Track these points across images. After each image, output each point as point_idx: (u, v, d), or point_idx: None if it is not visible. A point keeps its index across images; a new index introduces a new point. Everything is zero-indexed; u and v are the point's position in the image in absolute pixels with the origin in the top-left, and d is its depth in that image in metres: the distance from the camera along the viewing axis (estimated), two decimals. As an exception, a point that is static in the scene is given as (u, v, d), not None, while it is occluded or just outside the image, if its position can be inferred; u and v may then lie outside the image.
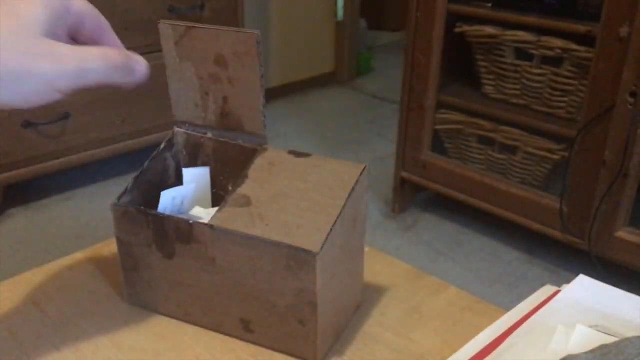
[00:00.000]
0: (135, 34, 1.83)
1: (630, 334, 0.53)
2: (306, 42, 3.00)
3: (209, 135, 0.71)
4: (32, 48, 0.41)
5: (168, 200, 0.68)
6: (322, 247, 0.54)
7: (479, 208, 1.70)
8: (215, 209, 0.64)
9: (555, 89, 1.55)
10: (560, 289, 0.63)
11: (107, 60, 0.45)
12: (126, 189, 0.65)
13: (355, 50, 3.20)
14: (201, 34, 0.65)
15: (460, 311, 0.66)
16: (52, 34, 0.44)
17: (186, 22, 0.66)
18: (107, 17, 0.57)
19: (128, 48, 0.50)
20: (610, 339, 0.53)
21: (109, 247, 0.77)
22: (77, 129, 1.84)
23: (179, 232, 0.59)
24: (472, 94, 1.75)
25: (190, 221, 0.59)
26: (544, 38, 1.50)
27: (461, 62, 1.78)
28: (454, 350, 0.57)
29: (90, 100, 1.83)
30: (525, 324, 0.58)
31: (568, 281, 0.64)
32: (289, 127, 2.62)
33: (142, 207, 0.61)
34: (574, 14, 1.47)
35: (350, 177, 0.61)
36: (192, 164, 0.73)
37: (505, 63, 1.63)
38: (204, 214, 0.69)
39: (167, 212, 0.64)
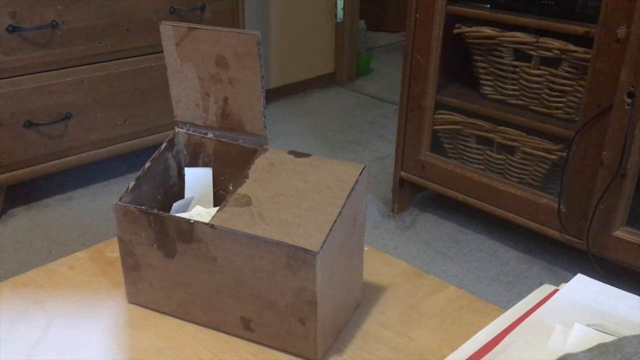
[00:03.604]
0: (137, 35, 1.84)
1: (628, 332, 0.54)
2: (306, 43, 3.00)
3: (210, 135, 0.71)
4: None
5: (180, 207, 0.69)
6: (322, 247, 0.55)
7: (477, 208, 1.70)
8: (216, 208, 0.65)
9: (554, 90, 1.55)
10: (558, 288, 0.64)
11: None
12: (128, 188, 0.65)
13: (355, 51, 3.21)
14: (202, 35, 0.65)
15: (459, 310, 0.66)
16: None
17: (187, 23, 0.67)
18: (108, 18, 0.57)
19: (129, 49, 0.49)
20: (608, 338, 0.53)
21: (111, 246, 0.77)
22: (79, 130, 1.84)
23: (180, 231, 0.60)
24: (471, 95, 1.75)
25: (192, 221, 0.59)
26: (542, 39, 1.51)
27: (460, 63, 1.79)
28: (453, 349, 0.58)
29: (91, 101, 1.84)
30: (523, 323, 0.58)
31: (566, 280, 0.64)
32: (289, 128, 2.63)
33: (143, 207, 0.62)
34: (572, 15, 1.47)
35: (350, 177, 0.62)
36: (193, 164, 0.73)
37: (503, 64, 1.63)
38: (205, 213, 0.70)
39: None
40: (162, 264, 0.63)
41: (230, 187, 0.72)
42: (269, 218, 0.58)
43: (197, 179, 0.73)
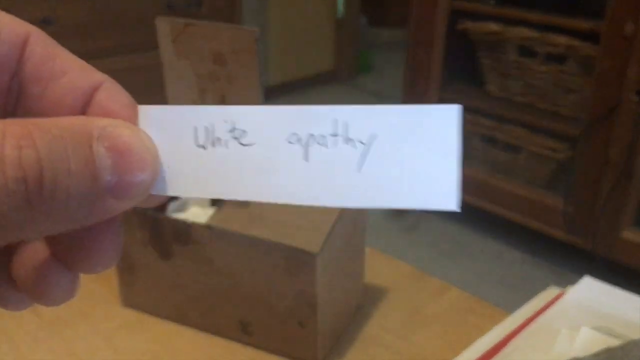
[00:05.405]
0: (132, 31, 1.82)
1: (636, 336, 0.53)
2: (306, 39, 2.98)
3: (208, 134, 0.70)
4: None
5: (176, 208, 0.68)
6: (322, 248, 0.54)
7: (482, 208, 1.69)
8: (214, 209, 0.64)
9: (560, 87, 1.53)
10: (564, 291, 0.62)
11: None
12: (123, 188, 0.64)
13: (355, 47, 3.19)
14: (199, 31, 0.64)
15: (462, 313, 0.65)
16: None
17: (184, 19, 0.65)
18: (103, 13, 0.56)
19: (124, 45, 0.48)
20: (615, 342, 0.52)
21: (107, 247, 0.76)
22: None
23: (176, 232, 0.59)
24: (475, 92, 1.74)
25: (188, 222, 0.58)
26: (548, 35, 1.49)
27: (464, 60, 1.77)
28: (456, 353, 0.56)
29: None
30: (529, 327, 0.57)
31: (572, 283, 0.63)
32: (291, 126, 2.62)
33: (137, 207, 0.60)
34: (578, 11, 1.45)
35: (351, 176, 0.60)
36: (191, 163, 0.72)
37: (508, 60, 1.61)
38: (202, 214, 0.68)
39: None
40: (158, 266, 0.61)
41: (229, 187, 0.71)
42: (268, 219, 0.57)
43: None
